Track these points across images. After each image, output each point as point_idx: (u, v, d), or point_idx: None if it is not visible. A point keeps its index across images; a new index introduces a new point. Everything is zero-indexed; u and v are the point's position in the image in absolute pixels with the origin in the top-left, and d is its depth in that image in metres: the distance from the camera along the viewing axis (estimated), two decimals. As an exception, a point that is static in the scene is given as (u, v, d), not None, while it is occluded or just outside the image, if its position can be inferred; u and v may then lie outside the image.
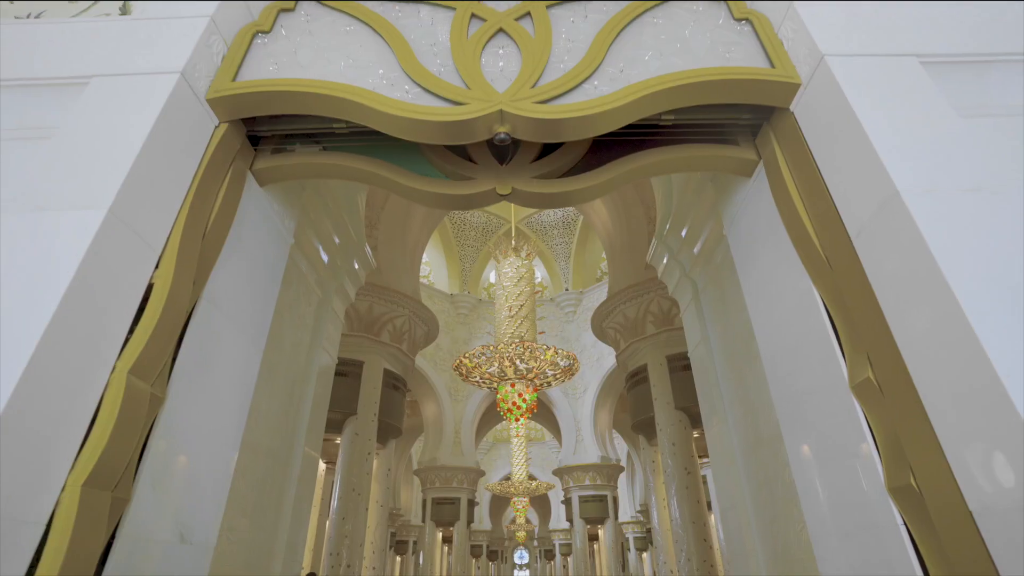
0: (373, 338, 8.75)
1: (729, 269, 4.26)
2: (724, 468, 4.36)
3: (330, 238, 4.75)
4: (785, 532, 3.49)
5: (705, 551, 7.58)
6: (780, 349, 2.80)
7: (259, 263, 3.10)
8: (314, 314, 4.73)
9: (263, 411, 3.79)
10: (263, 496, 3.80)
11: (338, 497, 7.90)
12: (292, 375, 4.28)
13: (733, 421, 4.29)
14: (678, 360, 8.52)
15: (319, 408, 4.73)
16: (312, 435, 4.54)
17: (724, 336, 4.42)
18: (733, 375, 4.25)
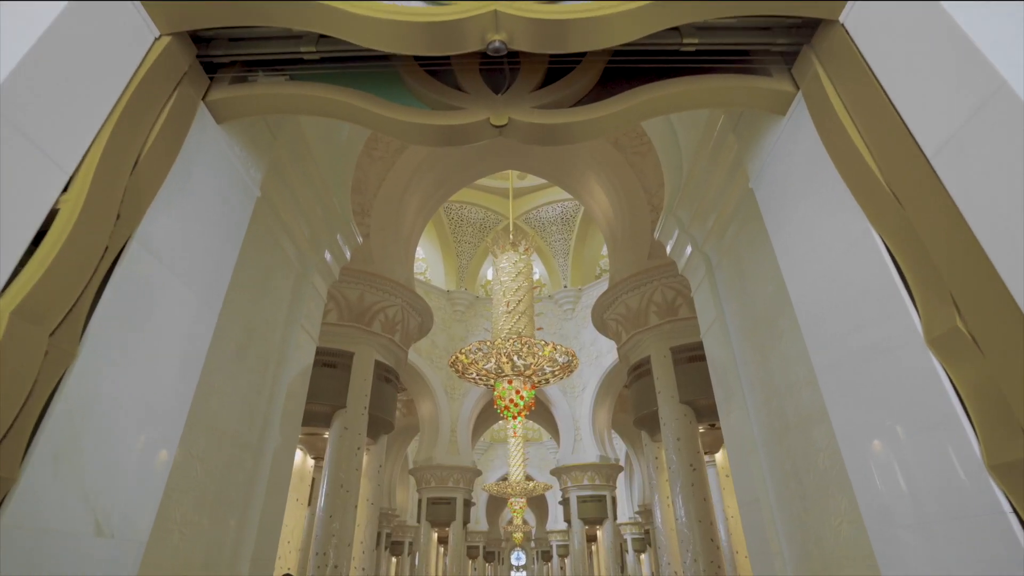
0: (364, 328, 8.28)
1: (749, 239, 3.82)
2: (744, 459, 3.91)
3: (310, 205, 4.29)
4: (819, 527, 3.03)
5: (712, 551, 7.12)
6: (825, 309, 2.35)
7: (215, 212, 2.64)
8: (291, 289, 4.27)
9: (227, 391, 3.32)
10: (228, 487, 3.33)
11: (325, 494, 7.42)
12: (265, 354, 3.81)
13: (754, 407, 3.84)
14: (683, 352, 8.07)
15: (297, 393, 4.26)
16: (288, 422, 4.07)
17: (742, 313, 3.96)
18: (754, 356, 3.80)
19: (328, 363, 8.02)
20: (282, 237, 4.08)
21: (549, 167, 10.96)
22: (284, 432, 4.01)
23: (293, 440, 4.18)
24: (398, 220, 9.51)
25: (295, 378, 4.21)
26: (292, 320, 4.26)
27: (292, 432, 4.15)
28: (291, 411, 4.15)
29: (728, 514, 8.21)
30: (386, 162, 9.91)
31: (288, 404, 4.08)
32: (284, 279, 4.15)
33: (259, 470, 3.71)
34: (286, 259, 4.18)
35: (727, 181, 3.88)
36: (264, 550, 3.68)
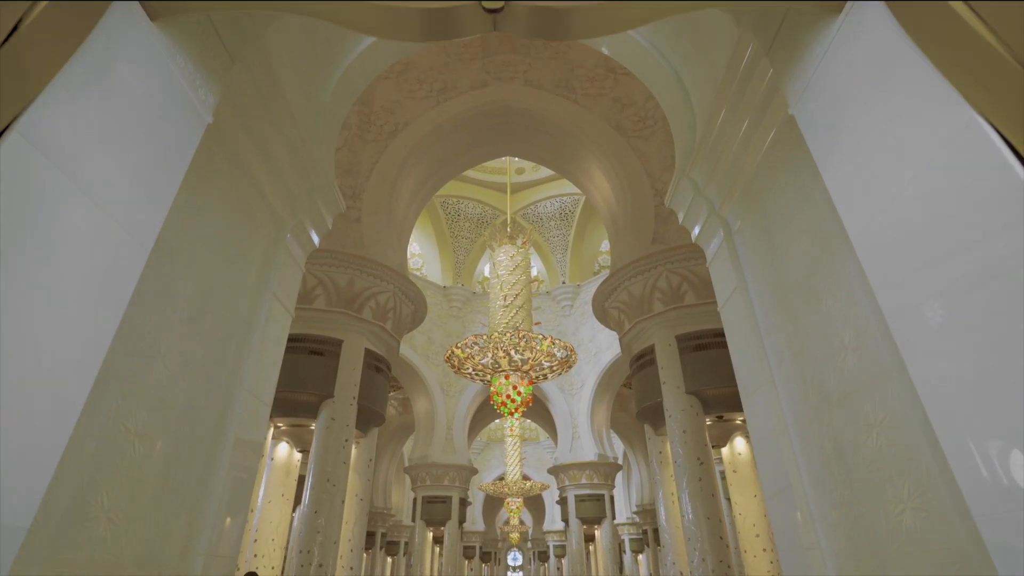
0: (353, 315, 7.76)
1: (778, 190, 3.33)
2: (771, 443, 3.40)
3: (282, 160, 3.79)
4: (870, 518, 2.53)
5: (721, 549, 6.60)
6: (902, 237, 1.85)
7: (147, 126, 2.14)
8: (262, 252, 3.76)
9: (178, 358, 2.81)
10: (178, 470, 2.81)
11: (310, 488, 6.88)
12: (228, 321, 3.30)
13: (783, 383, 3.33)
14: (689, 340, 7.57)
15: (267, 369, 3.74)
16: (257, 400, 3.56)
17: (769, 278, 3.46)
18: (784, 324, 3.29)
19: (315, 350, 7.51)
20: (249, 192, 3.57)
21: (548, 153, 10.48)
22: (252, 411, 3.49)
23: (262, 420, 3.65)
24: (391, 204, 9.01)
25: (266, 352, 3.69)
26: (263, 288, 3.75)
27: (261, 411, 3.63)
28: (261, 388, 3.63)
29: (736, 511, 7.69)
30: (379, 145, 9.42)
31: (257, 380, 3.56)
32: (253, 240, 3.64)
33: (220, 453, 3.19)
34: (255, 217, 3.67)
35: (755, 123, 3.38)
36: (224, 546, 3.16)
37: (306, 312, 7.65)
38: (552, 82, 10.12)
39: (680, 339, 7.65)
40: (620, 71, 10.26)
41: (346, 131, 9.29)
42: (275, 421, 7.61)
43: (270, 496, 7.71)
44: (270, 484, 7.78)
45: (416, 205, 10.12)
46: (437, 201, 18.36)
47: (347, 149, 9.14)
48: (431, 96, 9.94)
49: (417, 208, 10.18)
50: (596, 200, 10.34)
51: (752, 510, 7.68)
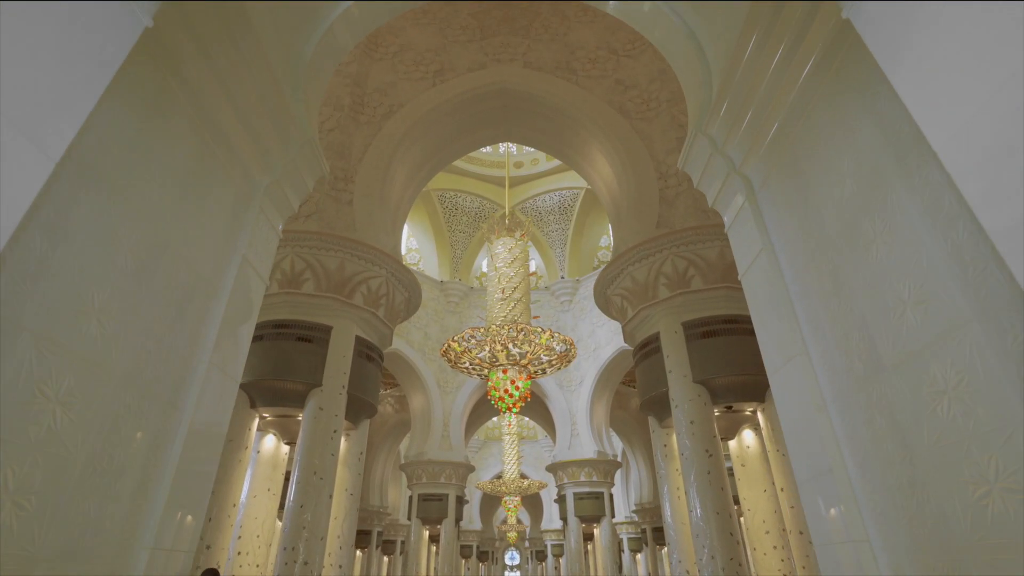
0: (344, 300, 7.30)
1: (814, 133, 2.89)
2: (805, 422, 2.95)
3: (253, 108, 3.34)
4: (940, 502, 2.08)
5: (731, 546, 6.15)
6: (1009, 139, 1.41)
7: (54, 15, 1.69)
8: (231, 209, 3.31)
9: (119, 316, 2.36)
10: (116, 448, 2.36)
11: (296, 481, 6.41)
12: (185, 280, 2.85)
13: (820, 352, 2.89)
14: (696, 327, 7.13)
15: (235, 341, 3.29)
16: (222, 373, 3.10)
17: (802, 235, 3.02)
18: (821, 284, 2.85)
19: (303, 337, 7.04)
20: (213, 138, 3.12)
21: (548, 137, 10.05)
22: (215, 386, 3.04)
23: (227, 397, 3.20)
24: (384, 188, 8.57)
25: (234, 321, 3.23)
26: (231, 248, 3.30)
27: (227, 387, 3.18)
28: (227, 362, 3.17)
29: (745, 507, 7.25)
30: (373, 126, 8.98)
31: (223, 352, 3.11)
32: (218, 192, 3.19)
33: (172, 431, 2.73)
34: (220, 167, 3.22)
35: (789, 52, 2.94)
36: (176, 539, 2.70)
37: (294, 297, 7.20)
38: (552, 64, 9.70)
39: (687, 326, 7.21)
40: (622, 52, 9.85)
41: (338, 112, 8.85)
42: (261, 411, 7.14)
43: (255, 490, 7.23)
44: (255, 478, 7.30)
45: (411, 190, 9.67)
46: (434, 194, 17.93)
47: (339, 130, 8.69)
48: (427, 77, 9.50)
49: (412, 193, 9.73)
50: (597, 186, 9.91)
51: (762, 506, 7.24)
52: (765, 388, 6.95)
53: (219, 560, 6.30)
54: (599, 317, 17.38)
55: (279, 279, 7.26)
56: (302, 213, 7.89)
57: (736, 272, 7.34)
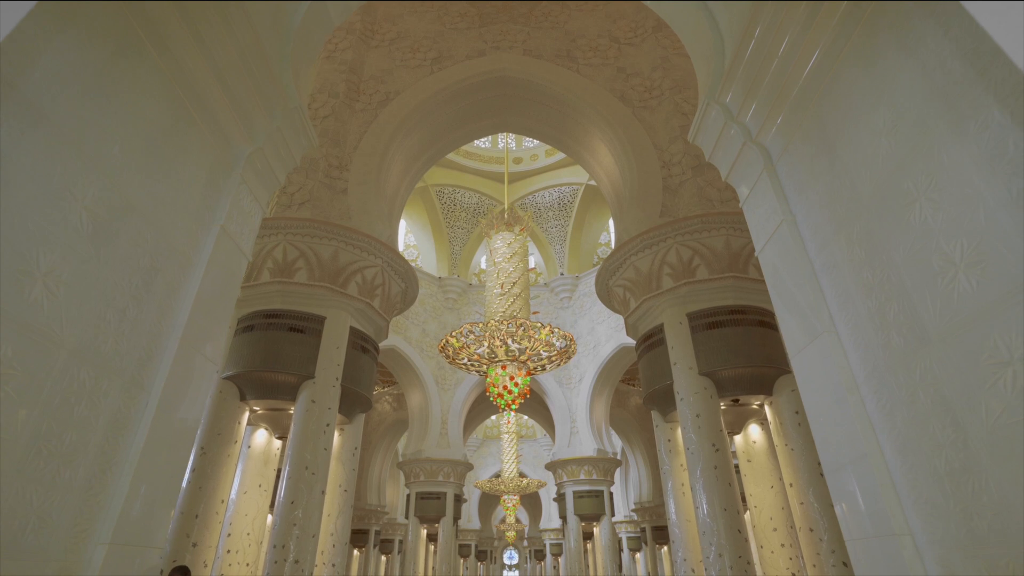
0: (338, 290, 7.02)
1: (844, 90, 2.62)
2: (833, 406, 2.68)
3: (230, 61, 3.06)
4: (1003, 490, 1.81)
5: (740, 544, 5.88)
6: None
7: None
8: (207, 174, 3.03)
9: (66, 279, 2.08)
10: (65, 431, 2.08)
11: (287, 477, 6.13)
12: (153, 247, 2.57)
13: (851, 328, 2.62)
14: (701, 317, 6.85)
15: (212, 318, 3.00)
16: (195, 349, 2.82)
17: (830, 202, 2.75)
18: (852, 253, 2.58)
19: (295, 327, 6.76)
20: (188, 99, 2.84)
21: (548, 127, 9.79)
22: (188, 365, 2.76)
23: (204, 379, 2.91)
24: (380, 176, 8.29)
25: (211, 296, 2.95)
26: (207, 217, 3.02)
27: (203, 369, 2.89)
28: (203, 341, 2.89)
29: (752, 504, 6.98)
30: (369, 114, 8.72)
31: (197, 327, 2.83)
32: (195, 159, 2.92)
33: (136, 413, 2.45)
34: (197, 131, 2.94)
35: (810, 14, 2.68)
36: (140, 534, 2.41)
37: (286, 286, 6.92)
38: (552, 52, 9.44)
39: (692, 317, 6.94)
40: (624, 40, 9.59)
41: (333, 99, 8.59)
42: (251, 404, 6.86)
43: (246, 486, 6.95)
44: (246, 473, 7.02)
45: (408, 180, 9.40)
46: (432, 190, 17.67)
47: (334, 117, 8.43)
48: (424, 65, 9.24)
49: (409, 184, 9.46)
50: (599, 176, 9.64)
51: (769, 502, 6.97)
52: (773, 380, 6.68)
53: (206, 559, 6.02)
54: (599, 314, 17.12)
55: (271, 268, 6.99)
56: (295, 201, 7.62)
57: (742, 261, 7.11)
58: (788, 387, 6.58)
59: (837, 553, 5.79)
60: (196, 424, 2.84)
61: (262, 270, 7.01)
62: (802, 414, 6.46)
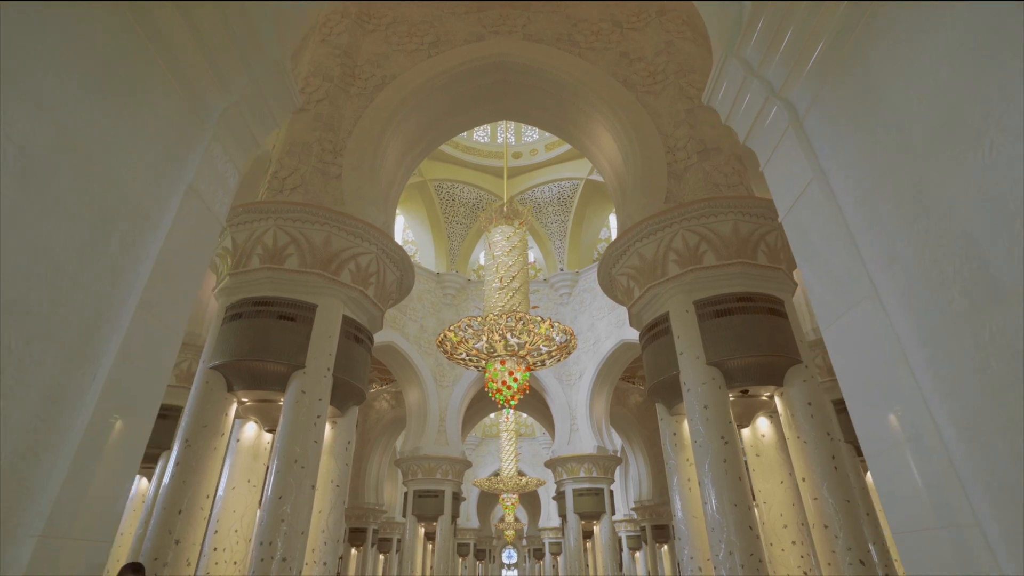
0: (331, 277, 6.67)
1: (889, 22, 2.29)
2: (874, 381, 2.35)
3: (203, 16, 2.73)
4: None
5: (751, 541, 5.54)
6: None
7: None
8: (174, 125, 2.69)
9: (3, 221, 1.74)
10: (-10, 400, 1.74)
11: (275, 471, 5.78)
12: (103, 197, 2.23)
13: (896, 292, 2.28)
14: (709, 305, 6.52)
15: (177, 285, 2.66)
16: (152, 321, 2.48)
17: (870, 149, 2.42)
18: (899, 205, 2.25)
19: (286, 315, 6.42)
20: (148, 37, 2.50)
21: (548, 114, 9.46)
22: (148, 336, 2.42)
23: (168, 352, 2.57)
24: (376, 162, 7.95)
25: (175, 258, 2.61)
26: (173, 172, 2.67)
27: (166, 341, 2.55)
28: (166, 311, 2.55)
29: (761, 500, 6.64)
30: (364, 99, 8.39)
31: (157, 293, 2.48)
32: (157, 106, 2.57)
33: (80, 386, 2.11)
34: (160, 76, 2.60)
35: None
36: (80, 525, 2.07)
37: (276, 272, 6.58)
38: (553, 36, 9.11)
39: (699, 304, 6.60)
40: (627, 25, 9.27)
41: (327, 83, 8.25)
42: (239, 395, 6.51)
43: (234, 482, 6.60)
44: (234, 468, 6.67)
45: (405, 168, 9.06)
46: (431, 185, 17.33)
47: (328, 101, 8.09)
48: (422, 49, 8.91)
49: (406, 171, 9.12)
50: (601, 164, 9.31)
51: (779, 498, 6.63)
52: (784, 370, 6.35)
53: (190, 556, 5.66)
54: (599, 310, 16.78)
55: (260, 254, 6.64)
56: (286, 186, 7.28)
57: (751, 247, 6.77)
58: (799, 377, 6.25)
59: (854, 551, 5.46)
60: (156, 400, 2.49)
61: (251, 256, 6.67)
62: (815, 405, 6.13)
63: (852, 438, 8.97)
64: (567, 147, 17.08)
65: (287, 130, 7.86)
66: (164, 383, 2.56)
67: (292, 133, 7.77)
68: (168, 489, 5.71)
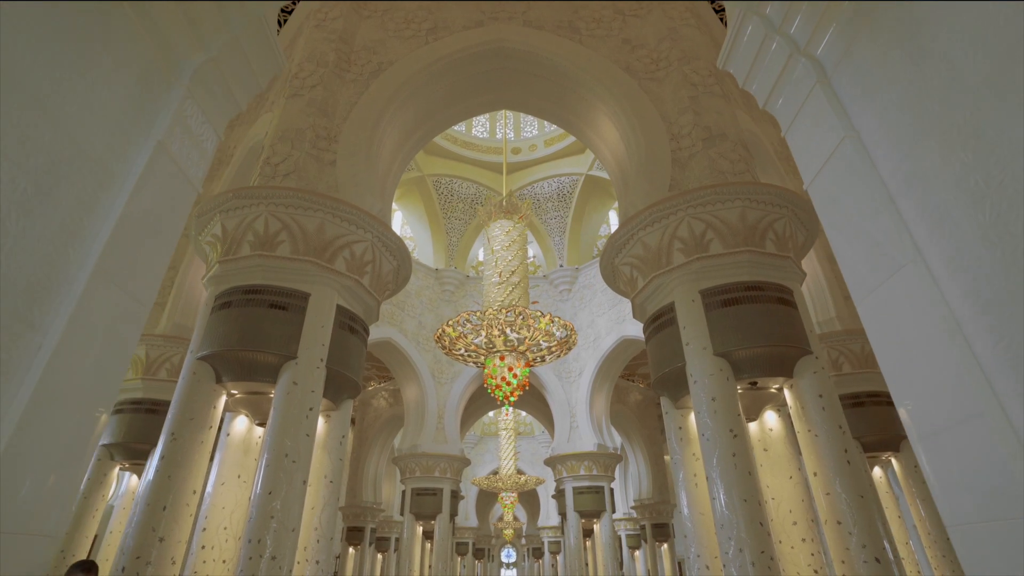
0: (324, 265, 6.40)
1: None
2: (920, 355, 2.08)
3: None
4: None
5: (762, 538, 5.27)
6: None
7: None
8: (140, 76, 2.41)
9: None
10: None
11: (265, 465, 5.50)
12: (52, 146, 1.95)
13: (947, 254, 2.01)
14: (716, 294, 6.25)
15: (137, 248, 2.39)
16: (111, 289, 2.20)
17: (916, 101, 2.16)
18: (953, 158, 1.98)
19: (277, 304, 6.14)
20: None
21: (549, 103, 9.20)
22: (104, 303, 2.14)
23: (127, 323, 2.29)
24: (371, 149, 7.68)
25: (140, 221, 2.34)
26: (138, 127, 2.40)
27: (124, 307, 2.27)
28: (128, 278, 2.28)
29: (769, 495, 6.37)
30: (360, 85, 8.11)
31: (118, 257, 2.21)
32: (121, 53, 2.30)
33: (16, 355, 1.83)
34: (125, 21, 2.33)
35: None
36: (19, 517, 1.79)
37: (267, 260, 6.30)
38: (554, 23, 8.85)
39: (705, 294, 6.34)
40: (629, 12, 9.01)
41: (322, 68, 7.98)
42: (228, 387, 6.22)
43: (223, 477, 6.32)
44: (224, 463, 6.39)
45: (402, 157, 8.79)
46: (429, 180, 17.07)
47: (323, 87, 7.82)
48: (419, 35, 8.64)
49: (403, 160, 8.85)
50: (603, 154, 9.05)
51: (788, 494, 6.36)
52: (794, 361, 6.08)
53: (175, 555, 5.38)
54: (599, 307, 16.53)
55: (251, 241, 6.37)
56: (279, 172, 7.00)
57: (759, 235, 6.50)
58: (810, 368, 5.99)
59: (869, 548, 5.20)
60: (115, 382, 2.22)
61: (242, 243, 6.39)
62: (826, 397, 5.87)
63: (858, 434, 8.72)
64: (566, 142, 16.83)
65: (280, 116, 7.59)
66: (126, 360, 2.28)
67: (285, 119, 7.50)
68: (152, 484, 5.43)
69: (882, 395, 8.98)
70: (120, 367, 2.26)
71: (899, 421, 9.17)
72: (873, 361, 9.07)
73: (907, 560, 9.10)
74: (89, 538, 8.80)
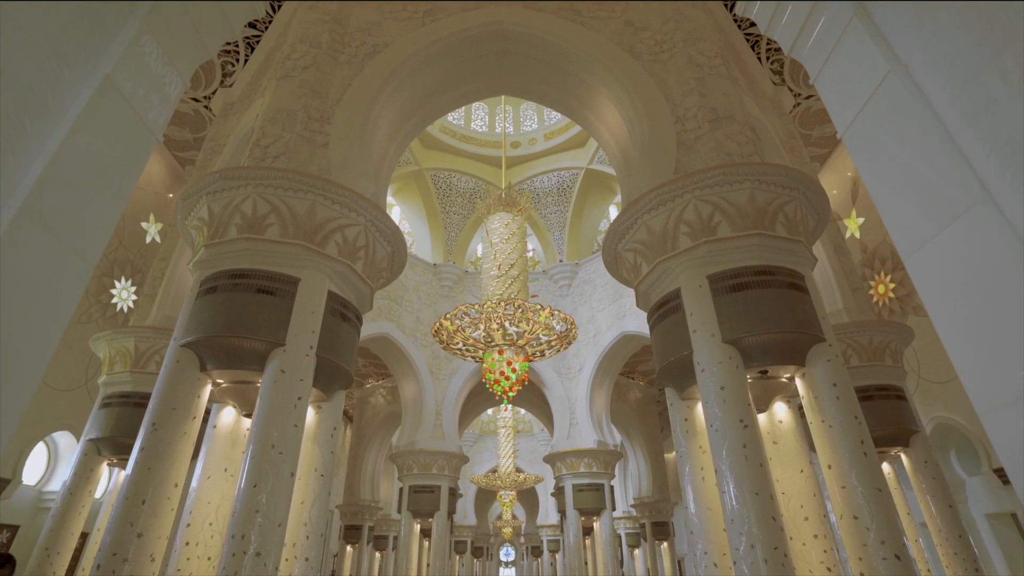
0: (315, 249, 6.06)
1: None
2: (992, 311, 1.75)
3: None
4: None
5: (775, 533, 4.94)
6: None
7: None
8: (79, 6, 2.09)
9: None
10: None
11: (250, 457, 5.15)
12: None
13: (1020, 191, 1.69)
14: (724, 279, 5.91)
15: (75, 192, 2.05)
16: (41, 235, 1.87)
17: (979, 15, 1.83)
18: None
19: (264, 289, 5.80)
20: None
21: (549, 87, 8.87)
22: (33, 253, 1.81)
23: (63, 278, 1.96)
24: (365, 132, 7.35)
25: (80, 163, 2.00)
26: (80, 56, 2.07)
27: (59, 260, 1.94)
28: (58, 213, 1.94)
29: (779, 490, 6.03)
30: (354, 66, 7.79)
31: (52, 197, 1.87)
32: (57, -37, 1.97)
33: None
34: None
35: None
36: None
37: (255, 243, 5.96)
38: (554, 5, 8.54)
39: (713, 279, 6.00)
40: (631, -6, 8.70)
41: (315, 49, 7.66)
42: (214, 376, 5.88)
43: (209, 471, 5.97)
44: (210, 456, 6.04)
45: (398, 142, 8.47)
46: (427, 174, 16.74)
47: (315, 68, 7.49)
48: (416, 17, 8.32)
49: (400, 146, 8.53)
50: (605, 140, 8.73)
51: (799, 488, 6.03)
52: (806, 349, 5.75)
53: (154, 551, 5.04)
54: (599, 302, 16.21)
55: (238, 224, 6.03)
56: (269, 154, 6.67)
57: (769, 218, 6.16)
58: (823, 356, 5.66)
59: (887, 544, 4.86)
60: (48, 345, 1.88)
61: (228, 226, 6.05)
62: (840, 386, 5.54)
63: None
64: (566, 136, 16.52)
65: (271, 97, 7.26)
66: (62, 319, 1.94)
67: (276, 100, 7.17)
68: (131, 478, 5.08)
69: (891, 389, 8.65)
70: (54, 330, 1.92)
71: (909, 415, 8.77)
72: (882, 354, 8.75)
73: (918, 558, 8.77)
74: (75, 534, 8.44)
